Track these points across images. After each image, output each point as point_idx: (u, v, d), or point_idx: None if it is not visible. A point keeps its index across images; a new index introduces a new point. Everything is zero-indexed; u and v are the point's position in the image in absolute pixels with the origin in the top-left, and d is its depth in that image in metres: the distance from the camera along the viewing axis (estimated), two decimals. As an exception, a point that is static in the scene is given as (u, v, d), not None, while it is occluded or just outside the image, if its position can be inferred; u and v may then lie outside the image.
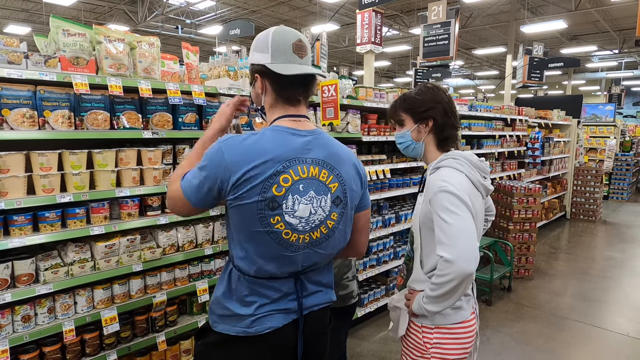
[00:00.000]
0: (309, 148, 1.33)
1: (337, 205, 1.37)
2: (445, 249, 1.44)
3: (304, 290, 1.41)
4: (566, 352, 3.54)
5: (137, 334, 2.36)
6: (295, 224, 1.30)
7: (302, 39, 1.36)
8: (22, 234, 1.93)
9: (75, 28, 2.05)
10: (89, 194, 2.10)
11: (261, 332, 1.35)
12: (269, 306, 1.36)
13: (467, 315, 1.65)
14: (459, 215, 1.45)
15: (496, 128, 5.86)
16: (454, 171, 1.56)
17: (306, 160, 1.31)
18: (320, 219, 1.34)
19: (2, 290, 1.90)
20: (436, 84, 1.76)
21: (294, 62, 1.34)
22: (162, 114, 2.36)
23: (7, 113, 1.85)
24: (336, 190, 1.37)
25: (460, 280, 1.42)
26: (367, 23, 9.07)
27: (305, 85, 1.38)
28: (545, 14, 13.63)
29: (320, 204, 1.33)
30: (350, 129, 3.45)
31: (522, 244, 5.31)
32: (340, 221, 1.40)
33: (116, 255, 2.22)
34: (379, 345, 3.58)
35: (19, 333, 1.95)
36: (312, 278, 1.44)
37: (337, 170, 1.37)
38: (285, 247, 1.32)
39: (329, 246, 1.41)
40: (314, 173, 1.32)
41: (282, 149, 1.29)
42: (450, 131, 1.68)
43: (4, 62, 1.81)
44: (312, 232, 1.34)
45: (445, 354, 1.61)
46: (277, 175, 1.26)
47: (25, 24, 14.39)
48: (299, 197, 1.29)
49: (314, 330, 1.45)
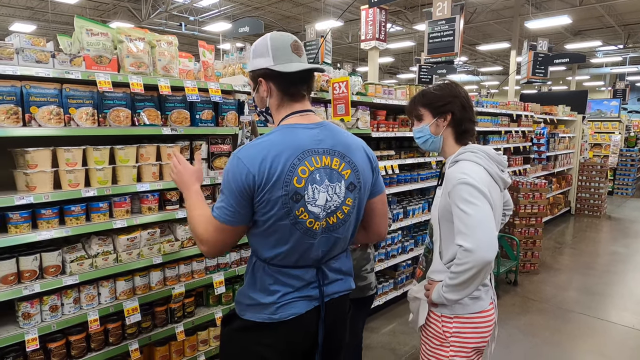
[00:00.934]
0: (320, 139, 1.40)
1: (351, 191, 1.45)
2: (464, 238, 1.49)
3: (325, 279, 1.48)
4: (572, 344, 3.60)
5: (157, 324, 2.43)
6: (317, 212, 1.38)
7: (297, 40, 1.45)
8: (49, 227, 2.01)
9: (98, 28, 2.11)
10: (112, 189, 2.17)
11: (285, 319, 1.41)
12: (292, 294, 1.43)
13: (486, 305, 1.69)
14: (477, 206, 1.50)
15: (502, 124, 5.90)
16: (472, 164, 1.61)
17: (318, 151, 1.39)
18: (336, 205, 1.42)
19: (32, 281, 1.97)
20: (453, 80, 1.82)
21: (295, 61, 1.41)
22: (180, 111, 2.42)
23: (35, 110, 1.92)
24: (349, 177, 1.44)
25: (479, 269, 1.47)
26: (371, 19, 9.10)
27: (307, 80, 1.47)
28: (550, 9, 13.60)
29: (335, 190, 1.41)
30: (360, 125, 3.51)
31: (528, 238, 5.36)
32: (355, 206, 1.47)
33: (137, 248, 2.29)
34: (388, 338, 3.65)
35: (47, 322, 2.03)
36: (332, 266, 1.51)
37: (349, 157, 1.44)
38: (309, 235, 1.39)
39: (344, 230, 1.48)
40: (326, 162, 1.39)
41: (295, 143, 1.36)
42: (468, 125, 1.73)
43: (32, 61, 1.88)
44: (328, 217, 1.41)
45: (464, 342, 1.66)
46: (294, 168, 1.33)
47: (30, 21, 14.47)
48: (317, 186, 1.37)
49: (334, 317, 1.52)
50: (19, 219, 1.92)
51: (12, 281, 1.92)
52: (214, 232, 1.39)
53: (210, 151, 2.57)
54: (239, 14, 14.63)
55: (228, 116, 2.60)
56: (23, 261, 1.95)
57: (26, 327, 1.96)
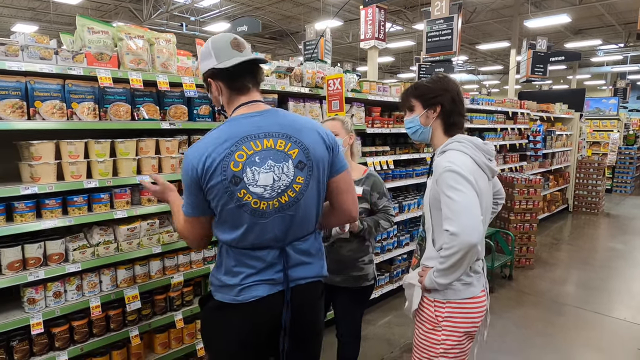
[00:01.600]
0: (260, 125, 1.48)
1: (301, 169, 1.48)
2: (450, 223, 1.56)
3: (288, 261, 1.52)
4: (565, 335, 3.67)
5: (157, 312, 2.52)
6: (261, 192, 1.44)
7: (237, 38, 1.52)
8: (53, 216, 2.10)
9: (99, 26, 2.20)
10: (113, 181, 2.26)
11: (247, 301, 1.49)
12: (254, 277, 1.50)
13: (477, 292, 1.76)
14: (462, 192, 1.57)
15: (497, 121, 5.97)
16: (459, 153, 1.68)
17: (259, 135, 1.46)
18: (285, 184, 1.46)
19: (36, 268, 2.06)
20: (447, 74, 1.89)
21: (236, 56, 1.49)
22: (178, 106, 2.51)
23: (39, 105, 2.01)
24: (297, 156, 1.48)
25: (465, 252, 1.54)
26: (370, 19, 9.17)
27: (251, 72, 1.54)
28: (549, 8, 13.63)
29: (282, 170, 1.46)
30: (354, 121, 3.59)
31: (523, 233, 5.43)
32: (308, 184, 1.50)
33: (137, 238, 2.38)
34: (383, 329, 3.73)
35: (51, 308, 2.12)
36: (298, 247, 1.55)
37: (295, 138, 1.49)
38: (259, 215, 1.45)
39: (300, 208, 1.50)
40: (268, 145, 1.45)
41: (234, 132, 1.45)
42: (457, 118, 1.79)
43: (37, 58, 1.97)
44: (279, 197, 1.46)
45: (455, 327, 1.72)
46: (231, 154, 1.42)
47: (32, 22, 14.60)
48: (257, 168, 1.43)
49: (301, 302, 1.55)
50: (24, 208, 2.01)
51: (18, 268, 2.01)
52: (185, 225, 1.59)
53: (207, 145, 2.66)
54: (239, 14, 14.73)
55: (225, 111, 2.69)
56: (28, 249, 2.04)
57: (31, 312, 2.05)
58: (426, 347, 1.77)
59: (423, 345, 1.79)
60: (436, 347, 1.74)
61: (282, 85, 3.05)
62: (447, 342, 1.72)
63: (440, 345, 1.73)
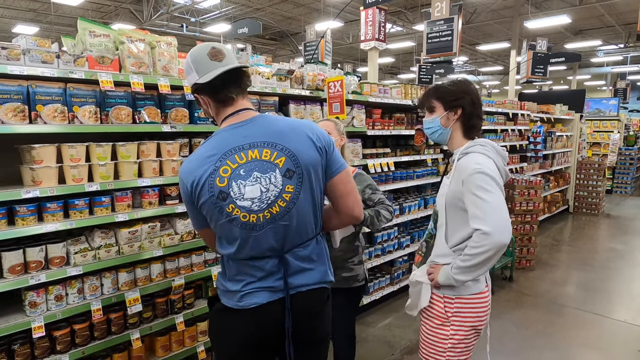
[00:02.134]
0: (246, 134, 1.45)
1: (289, 177, 1.44)
2: (481, 222, 1.59)
3: (288, 269, 1.51)
4: (564, 336, 3.68)
5: (158, 315, 2.53)
6: (249, 205, 1.42)
7: (215, 46, 1.48)
8: (54, 219, 2.10)
9: (101, 29, 2.21)
10: (114, 184, 2.26)
11: (248, 307, 1.50)
12: (254, 284, 1.51)
13: (482, 287, 1.83)
14: (493, 193, 1.62)
15: (498, 122, 5.98)
16: (484, 156, 1.73)
17: (243, 147, 1.44)
18: (275, 194, 1.43)
19: (38, 272, 2.07)
20: (467, 78, 1.95)
21: (215, 68, 1.45)
22: (179, 109, 2.51)
23: (41, 108, 2.01)
24: (284, 164, 1.44)
25: (495, 251, 1.59)
26: (371, 20, 9.18)
27: (235, 81, 1.49)
28: (549, 8, 13.64)
29: (270, 180, 1.43)
30: (355, 123, 3.60)
31: (524, 235, 5.43)
32: (299, 191, 1.46)
33: (138, 241, 2.39)
34: (383, 331, 3.74)
35: (52, 311, 2.12)
36: (299, 254, 1.53)
37: (281, 145, 1.45)
38: (250, 229, 1.44)
39: (293, 217, 1.47)
40: (253, 156, 1.43)
41: (220, 145, 1.45)
42: (476, 120, 1.85)
43: (38, 62, 1.97)
44: (270, 208, 1.43)
45: (463, 321, 1.78)
46: (216, 170, 1.42)
47: (32, 23, 14.61)
48: (242, 181, 1.42)
49: (302, 309, 1.54)
50: (26, 212, 2.02)
51: (20, 271, 2.02)
52: (201, 235, 1.68)
53: (208, 148, 2.66)
54: (240, 15, 14.74)
55: (226, 114, 2.69)
56: (29, 252, 2.05)
57: (32, 315, 2.06)
58: (435, 342, 1.83)
59: (431, 340, 1.85)
60: (445, 341, 1.80)
61: (283, 87, 3.05)
62: (455, 337, 1.78)
63: (449, 340, 1.79)
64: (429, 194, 4.71)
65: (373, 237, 4.02)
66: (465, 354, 1.84)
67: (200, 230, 1.61)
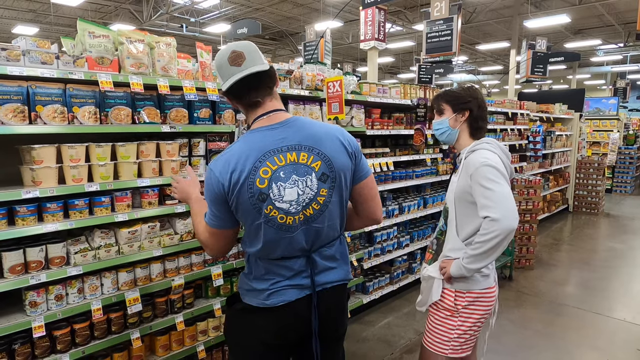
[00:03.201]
0: (282, 137, 1.46)
1: (324, 181, 1.48)
2: (490, 210, 1.70)
3: (315, 268, 1.55)
4: (563, 335, 3.68)
5: (158, 314, 2.53)
6: (287, 208, 1.44)
7: (235, 49, 1.45)
8: (54, 220, 2.11)
9: (100, 30, 2.21)
10: (114, 184, 2.27)
11: (276, 305, 1.52)
12: (283, 282, 1.53)
13: (492, 282, 1.95)
14: (500, 184, 1.73)
15: (497, 122, 5.98)
16: (490, 152, 1.85)
17: (282, 149, 1.44)
18: (310, 197, 1.46)
19: (38, 271, 2.08)
20: (473, 84, 2.12)
21: (235, 74, 1.43)
22: (178, 110, 2.52)
23: (40, 109, 2.02)
24: (320, 168, 1.47)
25: (504, 236, 1.68)
26: (370, 20, 9.18)
27: (255, 85, 1.47)
28: (549, 8, 13.64)
29: (306, 184, 1.45)
30: (354, 123, 3.60)
31: (523, 234, 5.44)
32: (332, 195, 1.50)
33: (138, 241, 2.39)
34: (383, 330, 3.74)
35: (53, 311, 2.13)
36: (324, 254, 1.57)
37: (317, 149, 1.47)
38: (285, 230, 1.47)
39: (325, 219, 1.52)
40: (291, 159, 1.44)
41: (257, 146, 1.44)
42: (482, 123, 1.99)
43: (38, 63, 1.98)
44: (304, 210, 1.46)
45: (471, 314, 1.91)
46: (256, 170, 1.42)
47: (32, 24, 14.62)
48: (282, 183, 1.43)
49: (328, 306, 1.58)
50: (26, 212, 2.02)
51: (20, 271, 2.03)
52: (209, 236, 1.59)
53: (208, 148, 2.67)
54: (239, 15, 14.75)
55: (225, 114, 2.70)
56: (30, 252, 2.06)
57: (33, 315, 2.06)
58: (441, 332, 1.94)
59: (437, 330, 1.96)
60: (451, 332, 1.91)
61: (282, 88, 3.06)
62: (461, 328, 1.91)
63: (455, 330, 1.91)
64: (429, 194, 4.72)
65: (372, 237, 4.03)
66: (468, 344, 1.95)
67: (222, 230, 1.55)
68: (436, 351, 1.95)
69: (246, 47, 1.47)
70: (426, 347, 2.01)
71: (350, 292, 2.67)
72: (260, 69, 1.46)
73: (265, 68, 1.47)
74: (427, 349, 2.00)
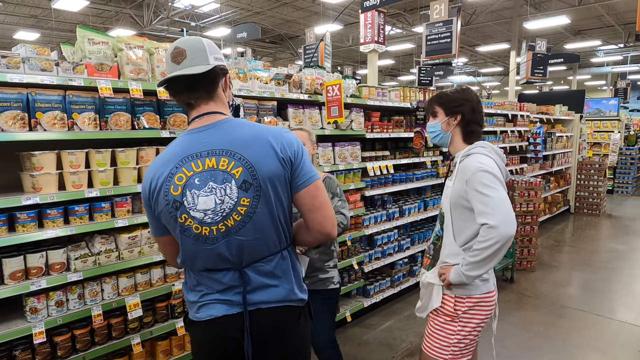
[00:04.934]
0: (206, 141, 1.35)
1: (245, 190, 1.33)
2: (488, 217, 1.68)
3: (248, 284, 1.39)
4: (565, 337, 3.67)
5: (158, 319, 2.54)
6: (201, 217, 1.32)
7: (179, 46, 1.36)
8: (55, 226, 2.12)
9: (99, 37, 2.23)
10: (114, 189, 2.28)
11: (203, 319, 1.40)
12: (211, 295, 1.41)
13: (491, 287, 1.93)
14: (497, 190, 1.71)
15: (497, 124, 5.98)
16: (485, 157, 1.83)
17: (201, 155, 1.34)
18: (229, 206, 1.32)
19: (38, 278, 2.08)
20: (468, 86, 2.07)
21: (172, 71, 1.35)
22: (178, 115, 2.53)
23: (40, 116, 2.03)
24: (241, 175, 1.32)
25: (503, 243, 1.66)
26: (370, 23, 9.21)
27: (190, 86, 1.36)
28: (549, 9, 13.66)
29: (225, 192, 1.32)
30: (354, 127, 3.61)
31: (524, 236, 5.43)
32: (256, 205, 1.34)
33: (138, 246, 2.40)
34: (384, 334, 3.74)
35: (53, 317, 2.13)
36: (260, 269, 1.40)
37: (239, 154, 1.33)
38: (202, 241, 1.35)
39: (251, 231, 1.35)
40: (210, 164, 1.33)
41: (179, 151, 1.36)
42: (475, 127, 1.97)
43: (38, 70, 1.99)
44: (225, 220, 1.33)
45: (471, 319, 1.89)
46: (172, 177, 1.33)
47: (33, 29, 14.69)
48: (196, 191, 1.32)
49: (264, 328, 1.41)
50: (26, 218, 2.03)
51: (20, 277, 2.04)
52: (159, 245, 1.56)
53: (207, 153, 2.68)
54: (240, 19, 14.80)
55: (224, 119, 2.71)
56: (30, 258, 2.06)
57: (33, 321, 2.07)
58: (441, 337, 1.92)
59: (437, 335, 1.94)
60: (451, 337, 1.90)
61: (281, 92, 3.07)
62: (461, 333, 1.89)
63: (454, 335, 1.89)
64: (429, 196, 4.72)
65: (373, 240, 4.03)
66: (468, 349, 1.93)
67: (161, 237, 1.48)
68: (436, 356, 1.94)
69: (192, 44, 1.36)
70: (426, 352, 1.99)
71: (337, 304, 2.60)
72: (195, 72, 1.34)
73: (202, 70, 1.34)
74: (427, 354, 1.98)
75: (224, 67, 1.43)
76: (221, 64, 1.41)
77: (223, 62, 1.43)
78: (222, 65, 1.41)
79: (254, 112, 2.86)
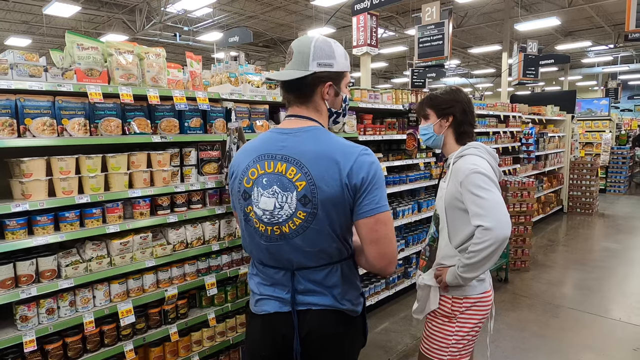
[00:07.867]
0: (284, 145, 1.40)
1: (304, 204, 1.35)
2: (483, 219, 1.67)
3: (298, 284, 1.44)
4: (560, 336, 3.69)
5: (151, 325, 2.51)
6: (260, 214, 1.42)
7: (293, 44, 1.46)
8: (45, 232, 2.10)
9: (89, 42, 2.22)
10: (105, 195, 2.26)
11: (259, 313, 1.53)
12: (267, 288, 1.50)
13: (488, 286, 1.94)
14: (491, 191, 1.71)
15: (490, 125, 6.02)
16: (478, 158, 1.83)
17: (275, 157, 1.40)
18: (287, 214, 1.37)
19: (28, 285, 2.06)
20: (459, 87, 2.06)
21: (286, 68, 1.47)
22: (169, 120, 2.52)
23: (29, 122, 2.02)
24: (303, 189, 1.34)
25: (498, 245, 1.66)
26: (362, 26, 9.24)
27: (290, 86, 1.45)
28: (539, 11, 13.80)
29: (286, 200, 1.36)
30: (346, 129, 3.62)
31: (518, 236, 5.46)
32: (311, 221, 1.35)
33: (130, 252, 2.38)
34: (380, 336, 3.73)
35: (44, 324, 2.11)
36: (309, 276, 1.44)
37: (307, 169, 1.34)
38: (259, 235, 1.46)
39: (306, 243, 1.38)
40: (280, 169, 1.38)
41: (259, 146, 1.47)
42: (467, 127, 1.97)
43: (26, 76, 1.98)
44: (281, 225, 1.38)
45: (468, 319, 1.90)
46: (247, 169, 1.46)
47: (25, 35, 14.61)
48: (261, 189, 1.41)
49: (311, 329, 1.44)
50: (16, 225, 2.01)
51: (10, 285, 2.01)
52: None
53: (199, 157, 2.67)
54: (233, 23, 14.81)
55: (216, 123, 2.71)
56: (20, 266, 2.04)
57: (24, 329, 2.04)
58: (439, 338, 1.93)
59: (435, 336, 1.94)
60: (449, 337, 1.90)
61: (273, 95, 3.07)
62: (459, 333, 1.90)
63: (453, 336, 1.89)
64: (423, 198, 4.73)
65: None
66: (466, 350, 1.94)
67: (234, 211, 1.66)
68: (435, 358, 1.94)
69: (299, 47, 1.41)
70: (424, 354, 1.98)
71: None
72: (283, 78, 1.42)
73: (290, 77, 1.39)
74: (426, 356, 1.98)
75: (326, 74, 1.41)
76: (323, 71, 1.40)
77: (331, 68, 1.42)
78: (324, 72, 1.40)
79: (245, 116, 2.85)
